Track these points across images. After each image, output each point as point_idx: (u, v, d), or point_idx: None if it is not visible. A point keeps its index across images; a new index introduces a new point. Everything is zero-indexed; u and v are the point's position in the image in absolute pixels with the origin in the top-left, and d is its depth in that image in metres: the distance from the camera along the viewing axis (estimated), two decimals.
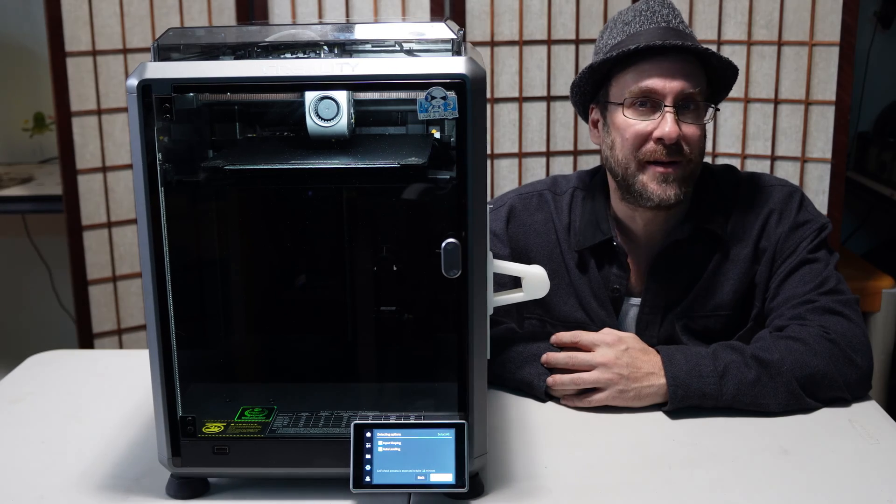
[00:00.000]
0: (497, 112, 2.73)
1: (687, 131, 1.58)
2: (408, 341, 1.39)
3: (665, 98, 1.56)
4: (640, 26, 1.61)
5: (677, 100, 1.57)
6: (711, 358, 1.47)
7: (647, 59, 1.57)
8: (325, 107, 1.24)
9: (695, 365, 1.46)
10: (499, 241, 1.72)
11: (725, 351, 1.48)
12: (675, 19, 1.62)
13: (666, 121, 1.56)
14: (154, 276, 1.19)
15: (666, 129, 1.55)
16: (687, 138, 1.58)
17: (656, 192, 1.59)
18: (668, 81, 1.56)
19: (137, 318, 2.73)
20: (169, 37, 1.22)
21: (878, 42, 3.41)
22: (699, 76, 1.59)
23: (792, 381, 1.45)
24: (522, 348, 1.56)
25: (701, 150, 1.61)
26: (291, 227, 1.39)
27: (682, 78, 1.56)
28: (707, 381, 1.45)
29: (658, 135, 1.56)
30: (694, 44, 1.57)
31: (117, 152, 2.65)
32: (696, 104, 1.59)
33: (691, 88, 1.57)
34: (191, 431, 1.24)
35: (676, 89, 1.56)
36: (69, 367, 1.75)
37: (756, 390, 1.45)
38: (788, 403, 1.46)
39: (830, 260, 1.62)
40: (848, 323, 1.52)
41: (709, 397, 1.45)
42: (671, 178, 1.58)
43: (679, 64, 1.57)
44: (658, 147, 1.57)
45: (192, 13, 2.67)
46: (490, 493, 1.26)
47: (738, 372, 1.45)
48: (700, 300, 1.66)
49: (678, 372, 1.46)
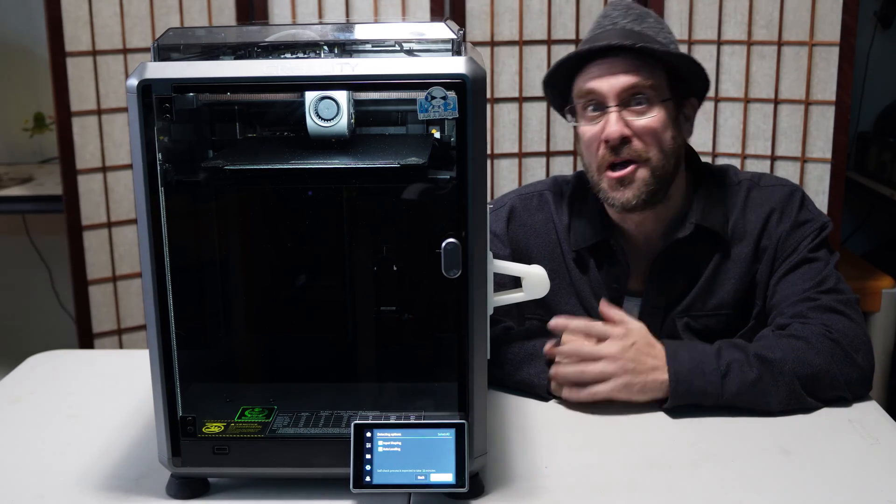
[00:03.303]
0: (497, 112, 2.73)
1: (637, 126, 1.56)
2: (408, 341, 1.39)
3: (607, 98, 1.56)
4: (592, 33, 1.63)
5: (620, 97, 1.56)
6: (715, 356, 1.46)
7: (590, 63, 1.58)
8: (325, 107, 1.25)
9: (698, 362, 1.46)
10: (499, 241, 1.72)
11: (729, 349, 1.48)
12: (626, 18, 1.60)
13: (609, 121, 1.56)
14: (154, 276, 1.19)
15: (609, 128, 1.55)
16: (639, 133, 1.56)
17: (616, 197, 1.59)
18: (607, 80, 1.56)
19: (137, 318, 2.73)
20: (169, 37, 1.22)
21: (878, 42, 3.41)
22: (647, 71, 1.56)
23: (794, 381, 1.45)
24: (521, 348, 1.56)
25: (664, 145, 1.58)
26: (291, 227, 1.39)
27: (622, 74, 1.55)
28: (709, 379, 1.44)
29: (604, 136, 1.56)
30: (623, 40, 1.54)
31: (117, 152, 2.65)
32: (648, 98, 1.57)
33: (635, 81, 1.55)
34: (191, 431, 1.24)
35: (617, 86, 1.55)
36: (69, 367, 1.75)
37: (757, 389, 1.45)
38: (789, 403, 1.45)
39: (831, 259, 1.62)
40: (849, 322, 1.52)
41: (710, 396, 1.45)
42: (626, 182, 1.57)
43: (619, 63, 1.56)
44: (607, 150, 1.57)
45: (192, 13, 2.67)
46: (490, 493, 1.26)
47: (740, 371, 1.45)
48: (701, 299, 1.66)
49: (681, 368, 1.45)
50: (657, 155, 1.58)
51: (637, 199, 1.58)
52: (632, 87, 1.56)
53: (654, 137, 1.57)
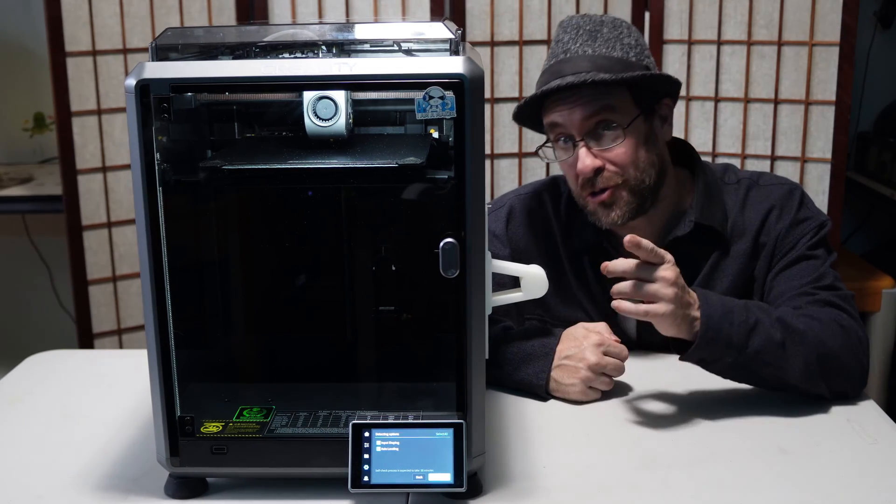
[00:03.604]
0: (497, 112, 2.73)
1: (609, 156, 1.56)
2: (406, 341, 1.39)
3: (571, 131, 1.57)
4: (548, 63, 1.62)
5: (585, 129, 1.56)
6: (743, 309, 1.44)
7: (550, 99, 1.58)
8: (323, 107, 1.24)
9: (728, 311, 1.43)
10: (498, 241, 1.72)
11: (754, 307, 1.46)
12: (576, 42, 1.58)
13: (579, 157, 1.57)
14: (153, 276, 1.19)
15: (580, 165, 1.56)
16: (613, 160, 1.56)
17: (602, 218, 1.61)
18: (568, 114, 1.56)
19: (137, 318, 2.73)
20: (167, 37, 1.22)
21: (878, 42, 3.41)
22: (604, 95, 1.54)
23: (811, 355, 1.44)
24: (520, 348, 1.55)
25: (637, 165, 1.57)
26: (290, 227, 1.39)
27: (580, 107, 1.55)
28: (737, 329, 1.42)
29: (577, 171, 1.58)
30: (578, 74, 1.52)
31: (117, 152, 2.65)
32: (610, 124, 1.56)
33: (595, 112, 1.54)
34: (189, 431, 1.24)
35: (578, 120, 1.55)
36: (69, 367, 1.75)
37: (780, 353, 1.43)
38: (803, 377, 1.44)
39: (829, 258, 1.62)
40: (850, 318, 1.53)
41: (734, 347, 1.42)
42: (608, 204, 1.59)
43: (575, 95, 1.55)
44: (584, 180, 1.58)
45: (191, 13, 2.67)
46: (488, 493, 1.26)
47: (765, 330, 1.43)
48: None
49: (713, 312, 1.42)
50: (634, 174, 1.58)
51: (622, 218, 1.60)
52: (593, 117, 1.55)
53: (625, 162, 1.57)
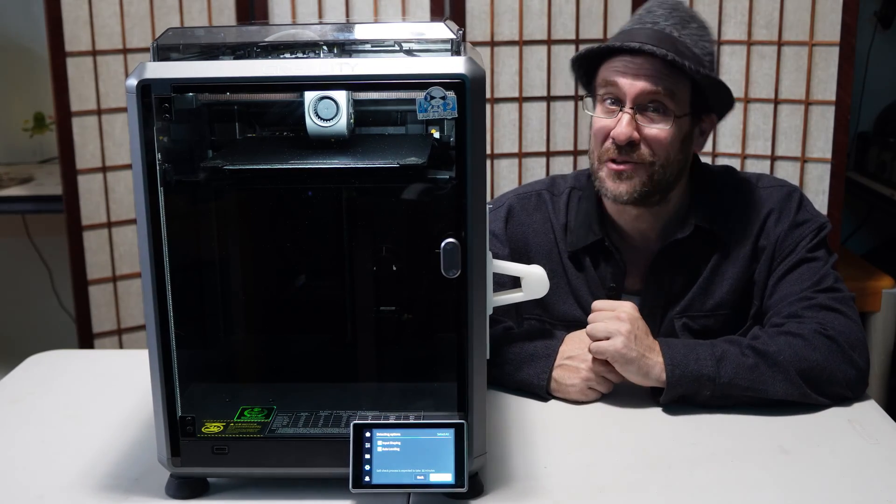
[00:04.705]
0: (497, 112, 2.73)
1: (648, 133, 1.57)
2: (407, 341, 1.39)
3: (625, 97, 1.57)
4: (632, 25, 1.62)
5: (638, 100, 1.56)
6: (709, 345, 1.49)
7: (618, 57, 1.58)
8: (324, 107, 1.24)
9: (692, 348, 1.48)
10: (498, 241, 1.72)
11: (721, 342, 1.50)
12: (668, 20, 1.60)
13: (621, 121, 1.57)
14: (153, 276, 1.19)
15: (618, 128, 1.56)
16: (649, 140, 1.57)
17: (610, 187, 1.61)
18: (630, 80, 1.56)
19: (137, 318, 2.73)
20: (168, 37, 1.22)
21: (878, 42, 3.41)
22: (672, 80, 1.56)
23: (791, 371, 1.45)
24: (522, 348, 1.56)
25: (669, 155, 1.59)
26: (291, 227, 1.39)
27: (645, 79, 1.55)
28: (704, 363, 1.45)
29: (612, 134, 1.58)
30: (663, 49, 1.53)
31: (117, 152, 2.65)
32: (663, 108, 1.57)
33: (654, 89, 1.55)
34: (190, 431, 1.24)
35: (637, 89, 1.56)
36: (69, 367, 1.75)
37: (755, 375, 1.45)
38: (789, 392, 1.45)
39: (829, 259, 1.62)
40: (845, 320, 1.53)
41: (706, 380, 1.45)
42: (624, 176, 1.59)
43: (647, 66, 1.55)
44: (612, 146, 1.58)
45: (192, 13, 2.67)
46: (489, 493, 1.26)
47: (735, 358, 1.46)
48: (699, 299, 1.66)
49: (675, 353, 1.47)
50: (660, 163, 1.59)
51: (629, 196, 1.60)
52: (651, 93, 1.56)
53: (660, 147, 1.58)
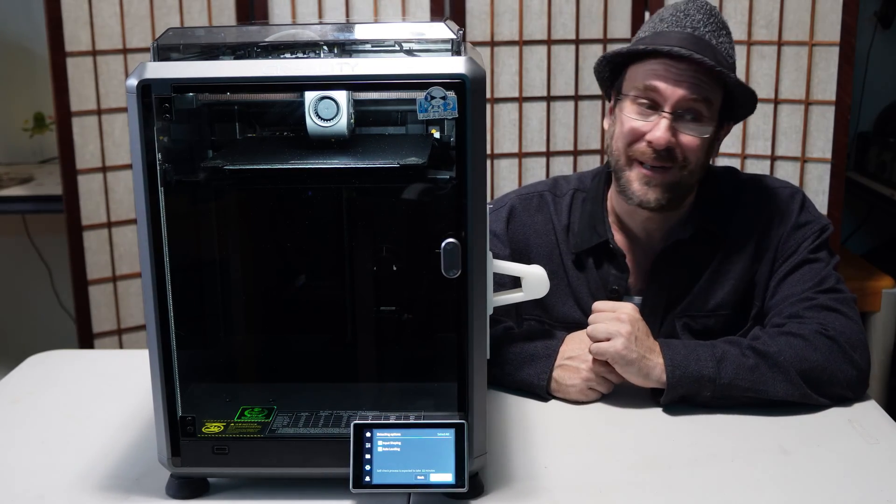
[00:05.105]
0: (497, 112, 2.73)
1: (684, 140, 1.57)
2: (407, 341, 1.39)
3: (665, 102, 1.56)
4: (668, 26, 1.60)
5: (677, 107, 1.56)
6: (709, 346, 1.49)
7: (658, 60, 1.57)
8: (324, 107, 1.24)
9: (692, 349, 1.48)
10: (499, 241, 1.72)
11: (722, 343, 1.50)
12: (707, 26, 1.59)
13: (659, 126, 1.56)
14: (154, 276, 1.19)
15: (657, 133, 1.56)
16: (683, 147, 1.57)
17: (637, 192, 1.60)
18: (671, 86, 1.55)
19: (137, 318, 2.73)
20: (169, 37, 1.22)
21: (878, 42, 3.41)
22: (709, 88, 1.56)
23: (791, 372, 1.45)
24: (522, 348, 1.56)
25: (698, 161, 1.59)
26: (291, 227, 1.39)
27: (686, 86, 1.55)
28: (705, 364, 1.46)
29: (649, 138, 1.57)
30: (705, 57, 1.53)
31: (117, 152, 2.65)
32: (699, 115, 1.57)
33: (694, 97, 1.55)
34: (190, 431, 1.24)
35: (677, 95, 1.55)
36: (69, 367, 1.75)
37: (755, 376, 1.45)
38: (790, 392, 1.46)
39: (831, 261, 1.62)
40: (846, 320, 1.53)
41: (706, 380, 1.45)
42: (654, 182, 1.59)
43: (689, 72, 1.55)
44: (648, 149, 1.57)
45: (192, 13, 2.67)
46: (490, 493, 1.26)
47: (735, 359, 1.46)
48: (700, 300, 1.66)
49: (675, 354, 1.47)
50: (693, 168, 1.59)
51: (656, 203, 1.59)
52: (691, 100, 1.56)
53: (693, 154, 1.58)
